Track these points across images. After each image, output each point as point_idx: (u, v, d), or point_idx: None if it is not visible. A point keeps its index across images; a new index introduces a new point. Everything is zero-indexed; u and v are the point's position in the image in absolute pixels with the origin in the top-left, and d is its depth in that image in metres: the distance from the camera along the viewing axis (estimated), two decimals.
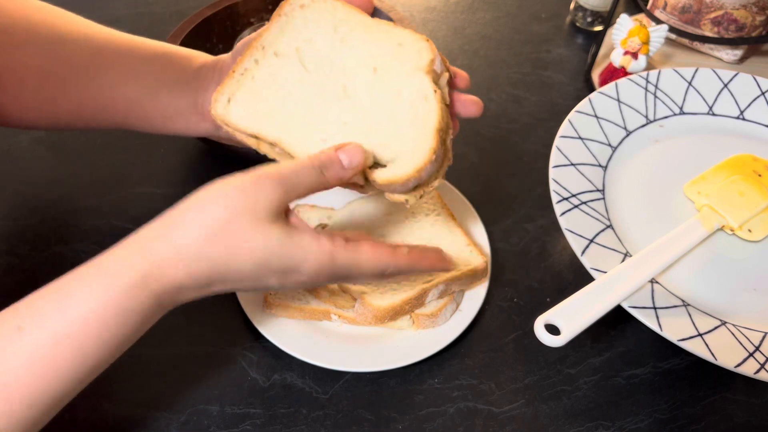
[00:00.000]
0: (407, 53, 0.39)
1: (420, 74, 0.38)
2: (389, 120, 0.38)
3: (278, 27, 0.41)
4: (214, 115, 0.40)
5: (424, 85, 0.38)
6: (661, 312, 0.42)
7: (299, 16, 0.41)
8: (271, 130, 0.39)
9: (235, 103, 0.40)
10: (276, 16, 0.41)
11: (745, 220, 0.49)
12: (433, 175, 0.39)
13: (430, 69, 0.38)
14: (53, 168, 0.61)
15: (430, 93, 0.38)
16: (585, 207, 0.49)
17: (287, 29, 0.41)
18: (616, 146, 0.56)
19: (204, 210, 0.34)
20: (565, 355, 0.49)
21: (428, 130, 0.37)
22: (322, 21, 0.40)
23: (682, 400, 0.47)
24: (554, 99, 0.71)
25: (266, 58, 0.40)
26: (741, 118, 0.59)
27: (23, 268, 0.53)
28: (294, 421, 0.45)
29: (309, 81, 0.40)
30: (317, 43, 0.40)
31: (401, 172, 0.37)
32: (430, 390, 0.47)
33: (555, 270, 0.55)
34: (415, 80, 0.38)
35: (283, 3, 0.41)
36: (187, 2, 0.81)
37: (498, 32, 0.80)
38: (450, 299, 0.49)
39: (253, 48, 0.41)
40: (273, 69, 0.40)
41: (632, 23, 0.67)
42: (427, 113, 0.37)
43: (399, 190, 0.38)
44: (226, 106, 0.40)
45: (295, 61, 0.40)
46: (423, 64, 0.38)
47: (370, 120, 0.38)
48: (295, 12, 0.41)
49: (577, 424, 0.46)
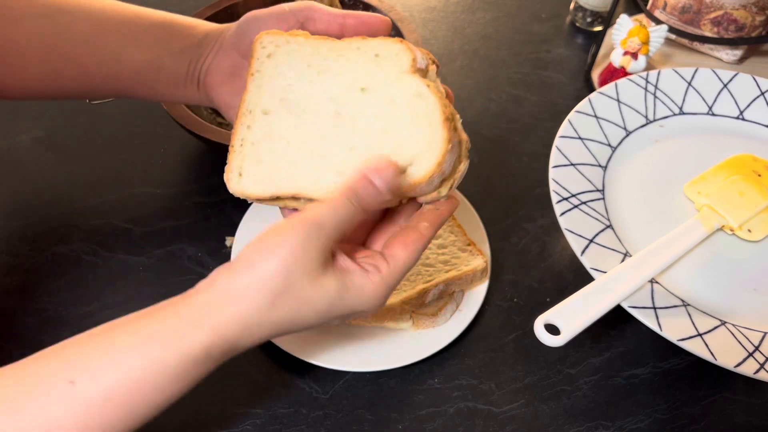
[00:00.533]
0: (386, 61, 0.39)
1: (406, 76, 0.38)
2: (393, 128, 0.38)
3: (255, 86, 0.41)
4: (234, 193, 0.40)
5: (414, 84, 0.38)
6: (661, 312, 0.42)
7: (270, 66, 0.41)
8: (286, 185, 0.39)
9: (246, 175, 0.40)
10: (249, 76, 0.41)
11: (745, 220, 0.50)
12: (455, 163, 0.39)
13: (414, 68, 0.38)
14: (53, 168, 0.61)
15: (423, 89, 0.38)
16: (585, 207, 0.49)
17: (263, 84, 0.41)
18: (616, 146, 0.56)
19: (259, 276, 0.34)
20: (565, 355, 0.49)
21: (435, 123, 0.37)
22: (293, 63, 0.40)
23: (682, 400, 0.47)
24: (554, 99, 0.71)
25: (256, 120, 0.40)
26: (741, 118, 0.59)
27: (23, 268, 0.53)
28: (294, 421, 0.45)
29: (303, 123, 0.40)
30: (297, 86, 0.40)
31: (423, 170, 0.37)
32: (430, 390, 0.47)
33: (555, 270, 0.55)
34: (404, 83, 0.38)
35: (251, 60, 0.41)
36: (187, 2, 0.81)
37: (498, 32, 0.80)
38: (450, 299, 0.49)
39: (241, 115, 0.41)
40: (266, 128, 0.40)
41: (632, 23, 0.67)
42: (427, 108, 0.37)
43: (426, 190, 0.38)
44: (239, 181, 0.40)
45: (284, 112, 0.40)
46: (405, 66, 0.38)
47: (374, 136, 0.38)
48: (265, 64, 0.41)
49: (577, 424, 0.46)
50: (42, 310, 0.50)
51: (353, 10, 0.71)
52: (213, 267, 0.53)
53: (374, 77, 0.39)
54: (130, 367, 0.33)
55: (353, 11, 0.43)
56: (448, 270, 0.49)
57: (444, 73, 0.74)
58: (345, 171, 0.38)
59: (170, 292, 0.54)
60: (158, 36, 0.47)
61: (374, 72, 0.39)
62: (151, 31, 0.47)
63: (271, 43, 0.41)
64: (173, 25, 0.48)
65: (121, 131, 0.64)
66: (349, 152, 0.38)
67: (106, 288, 0.52)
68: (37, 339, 0.48)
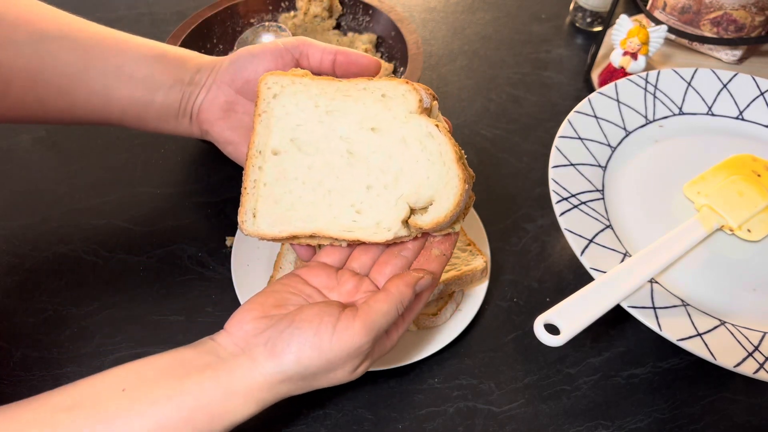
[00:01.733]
0: (393, 102, 0.39)
1: (414, 117, 0.39)
2: (407, 168, 0.39)
3: (263, 126, 0.41)
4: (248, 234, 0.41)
5: (423, 124, 0.39)
6: (661, 312, 0.43)
7: (277, 106, 0.41)
8: (302, 225, 0.40)
9: (260, 216, 0.40)
10: (257, 117, 0.41)
11: (745, 220, 0.50)
12: (467, 199, 0.40)
13: (421, 108, 0.39)
14: (53, 168, 0.61)
15: (433, 129, 0.38)
16: (584, 207, 0.49)
17: (272, 124, 0.41)
18: (616, 146, 0.56)
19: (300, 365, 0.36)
20: (565, 355, 0.49)
21: (449, 162, 0.38)
22: (300, 103, 0.41)
23: (682, 399, 0.47)
24: (554, 99, 0.71)
25: (267, 161, 0.41)
26: (740, 118, 0.59)
27: (23, 268, 0.53)
28: (294, 421, 0.45)
29: (316, 163, 0.40)
30: (306, 126, 0.41)
31: (443, 210, 0.38)
32: (430, 389, 0.47)
33: (555, 270, 0.55)
34: (413, 123, 0.39)
35: (257, 101, 0.41)
36: (188, 3, 0.81)
37: (498, 32, 0.80)
38: (450, 299, 0.49)
39: (251, 157, 0.41)
40: (278, 168, 0.41)
41: (632, 24, 0.67)
42: (439, 148, 0.38)
43: (445, 227, 0.39)
44: (254, 223, 0.40)
45: (295, 151, 0.40)
46: (413, 107, 0.39)
47: (390, 176, 0.39)
48: (272, 104, 0.41)
49: (576, 424, 0.46)
50: (42, 310, 0.50)
51: (353, 10, 0.71)
52: (213, 267, 0.53)
53: (383, 117, 0.40)
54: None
55: (344, 48, 0.44)
56: (448, 270, 0.49)
57: (444, 73, 0.74)
58: (363, 209, 0.39)
59: (170, 292, 0.54)
60: (149, 69, 0.46)
61: (383, 112, 0.40)
62: (142, 63, 0.46)
63: (276, 83, 0.41)
64: (164, 58, 0.47)
65: (121, 131, 0.64)
66: (367, 191, 0.39)
67: (106, 288, 0.52)
68: (37, 339, 0.48)
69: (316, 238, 0.40)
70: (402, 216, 0.38)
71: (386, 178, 0.39)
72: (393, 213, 0.38)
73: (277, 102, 0.41)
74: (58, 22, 0.45)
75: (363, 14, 0.71)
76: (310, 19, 0.70)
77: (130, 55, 0.46)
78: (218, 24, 0.68)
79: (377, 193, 0.39)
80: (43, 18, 0.45)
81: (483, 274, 0.51)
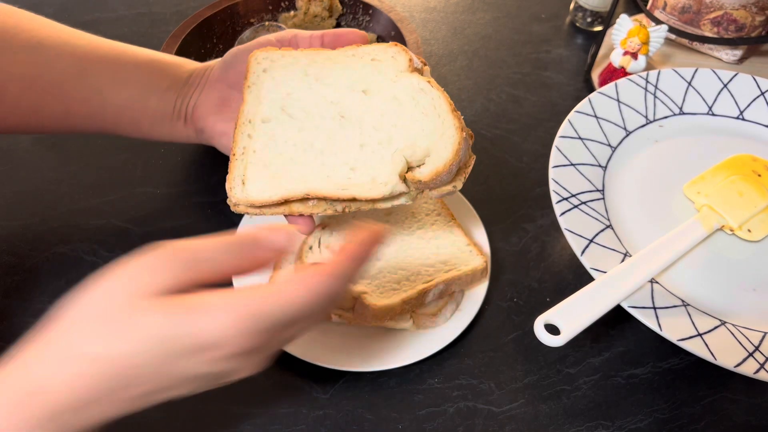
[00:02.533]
0: (383, 64, 0.39)
1: (405, 75, 0.39)
2: (402, 123, 0.38)
3: (253, 96, 0.41)
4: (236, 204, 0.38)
5: (414, 80, 0.39)
6: (661, 312, 0.43)
7: (267, 79, 0.41)
8: (297, 186, 0.38)
9: (250, 182, 0.39)
10: (246, 89, 0.41)
11: (745, 220, 0.50)
12: (467, 153, 0.39)
13: (411, 67, 0.39)
14: (53, 168, 0.61)
15: (425, 85, 0.38)
16: (585, 207, 0.49)
17: (261, 95, 0.41)
18: (616, 146, 0.56)
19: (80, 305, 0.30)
20: (565, 355, 0.49)
21: (443, 113, 0.37)
22: (289, 73, 0.40)
23: (682, 399, 0.47)
24: (554, 99, 0.71)
25: (257, 128, 0.40)
26: (740, 118, 0.59)
27: (23, 268, 0.53)
28: (294, 421, 0.45)
29: (307, 127, 0.40)
30: (297, 94, 0.40)
31: (442, 160, 0.37)
32: (430, 390, 0.47)
33: (555, 270, 0.55)
34: (404, 81, 0.39)
35: (247, 74, 0.41)
36: (188, 2, 0.81)
37: (498, 32, 0.80)
38: (450, 299, 0.49)
39: (241, 125, 0.40)
40: (268, 134, 0.40)
41: (632, 23, 0.67)
42: (432, 101, 0.38)
43: (445, 180, 0.38)
44: (243, 189, 0.39)
45: (285, 118, 0.40)
46: (403, 66, 0.39)
47: (384, 132, 0.39)
48: (261, 77, 0.41)
49: (576, 424, 0.46)
50: (42, 310, 0.50)
51: (353, 10, 0.71)
52: None
53: (374, 79, 0.39)
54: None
55: (330, 30, 0.44)
56: (448, 270, 0.49)
57: (444, 73, 0.74)
58: (358, 167, 0.38)
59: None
60: (143, 74, 0.47)
61: (373, 75, 0.39)
62: (137, 69, 0.47)
63: (266, 58, 0.41)
64: (159, 63, 0.47)
65: None
66: (360, 149, 0.39)
67: None
68: None
69: (309, 202, 0.39)
70: (398, 170, 0.37)
71: (380, 135, 0.38)
72: (389, 167, 0.37)
73: (267, 75, 0.41)
74: (55, 31, 0.46)
75: (363, 14, 0.71)
76: (310, 18, 0.70)
77: (125, 60, 0.47)
78: (218, 24, 0.68)
79: (372, 150, 0.38)
80: (40, 27, 0.45)
81: (483, 274, 0.51)
